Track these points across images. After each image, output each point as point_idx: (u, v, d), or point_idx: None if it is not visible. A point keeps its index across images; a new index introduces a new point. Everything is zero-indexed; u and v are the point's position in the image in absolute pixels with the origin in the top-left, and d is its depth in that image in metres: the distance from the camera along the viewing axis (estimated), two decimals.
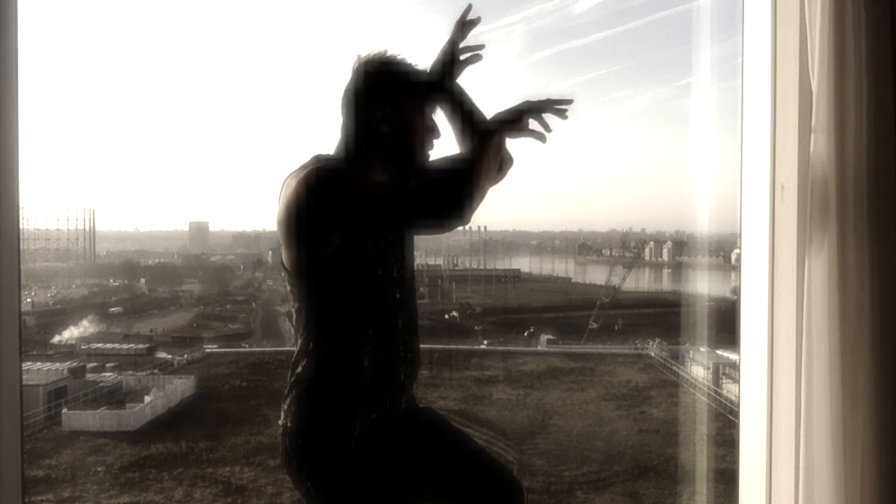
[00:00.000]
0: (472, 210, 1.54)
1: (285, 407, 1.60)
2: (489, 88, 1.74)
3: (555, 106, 1.64)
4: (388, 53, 1.63)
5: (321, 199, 1.50)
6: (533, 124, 1.65)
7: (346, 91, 1.63)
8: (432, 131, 1.67)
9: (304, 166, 1.57)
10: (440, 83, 1.69)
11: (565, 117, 1.65)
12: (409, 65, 1.64)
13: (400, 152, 1.63)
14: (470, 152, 1.63)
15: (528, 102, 1.63)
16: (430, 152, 1.68)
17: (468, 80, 1.72)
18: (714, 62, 3.59)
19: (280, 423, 1.61)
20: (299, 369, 1.58)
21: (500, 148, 1.63)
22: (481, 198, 1.57)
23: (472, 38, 1.72)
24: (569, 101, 1.65)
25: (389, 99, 1.61)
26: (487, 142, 1.60)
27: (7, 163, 1.76)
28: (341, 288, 1.55)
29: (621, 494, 12.11)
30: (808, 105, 1.92)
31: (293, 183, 1.53)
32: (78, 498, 12.07)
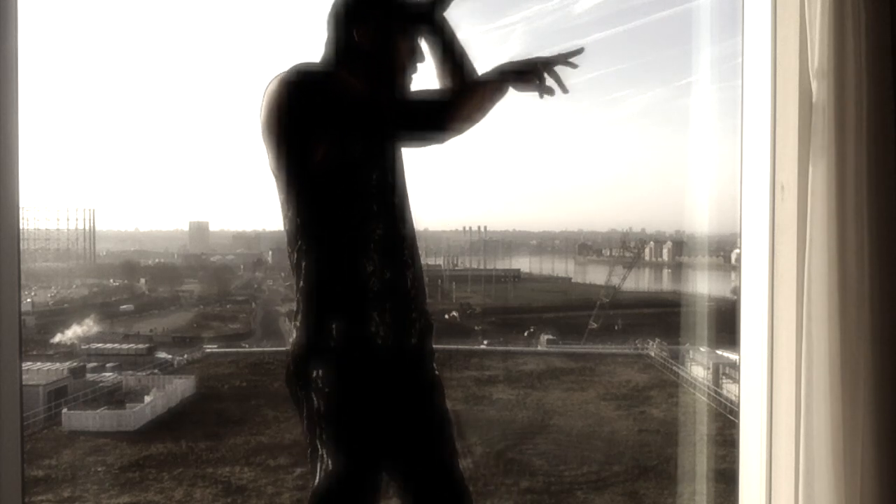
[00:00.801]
0: (453, 130, 1.56)
1: (296, 324, 1.58)
2: None
3: (567, 59, 1.62)
4: None
5: (303, 97, 1.50)
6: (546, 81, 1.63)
7: (334, 5, 1.64)
8: (415, 54, 1.66)
9: (294, 68, 1.56)
10: (428, 14, 1.69)
11: (576, 66, 1.63)
12: None
13: (381, 70, 1.63)
14: (470, 83, 1.63)
15: (540, 57, 1.62)
16: (413, 75, 1.67)
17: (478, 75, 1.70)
18: (714, 62, 3.60)
19: (290, 341, 1.60)
20: (302, 283, 1.56)
21: (499, 93, 1.61)
22: (461, 125, 1.57)
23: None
24: (579, 51, 1.62)
25: (374, 16, 1.61)
26: (490, 82, 1.59)
27: (7, 163, 1.76)
28: (337, 189, 1.54)
29: (621, 494, 12.10)
30: (808, 105, 1.92)
31: (274, 84, 1.53)
32: (78, 498, 12.07)
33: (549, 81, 1.62)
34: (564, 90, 1.63)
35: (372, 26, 1.61)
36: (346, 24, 1.62)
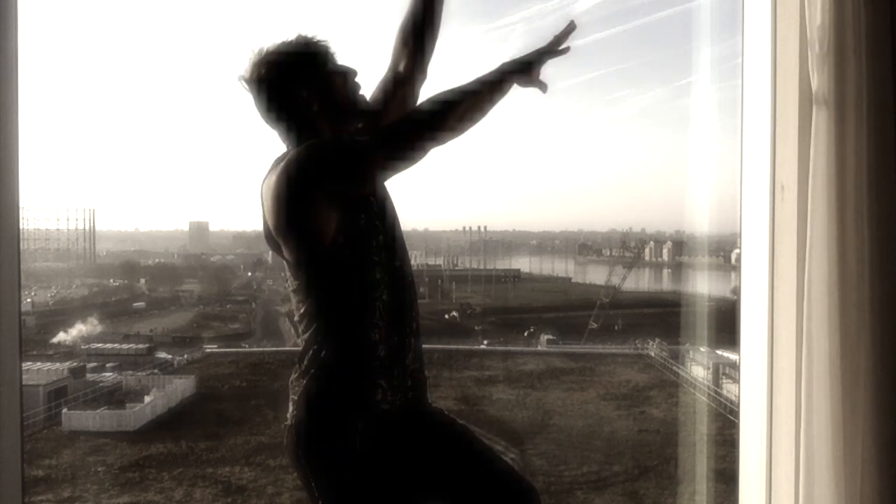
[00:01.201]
0: (456, 133, 1.54)
1: (294, 398, 1.57)
2: None
3: (563, 37, 1.63)
4: (264, 50, 1.61)
5: (309, 176, 1.49)
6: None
7: (261, 107, 1.62)
8: (349, 74, 1.65)
9: (273, 168, 1.57)
10: (321, 59, 1.65)
11: (567, 49, 1.64)
12: (282, 48, 1.62)
13: (340, 112, 1.63)
14: (472, 84, 1.60)
15: (536, 51, 1.62)
16: (361, 91, 1.67)
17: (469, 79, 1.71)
18: (714, 62, 3.60)
19: (288, 415, 1.59)
20: (307, 360, 1.56)
21: (500, 93, 1.60)
22: (464, 127, 1.55)
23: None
24: (572, 28, 1.63)
25: (300, 85, 1.60)
26: (492, 82, 1.58)
27: (7, 163, 1.76)
28: (349, 264, 1.55)
29: (621, 494, 12.11)
30: (808, 105, 1.92)
31: (273, 181, 1.52)
32: (78, 498, 12.07)
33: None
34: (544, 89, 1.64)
35: (304, 91, 1.60)
36: (285, 110, 1.61)
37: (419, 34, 1.75)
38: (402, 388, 1.60)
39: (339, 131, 1.63)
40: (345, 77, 1.65)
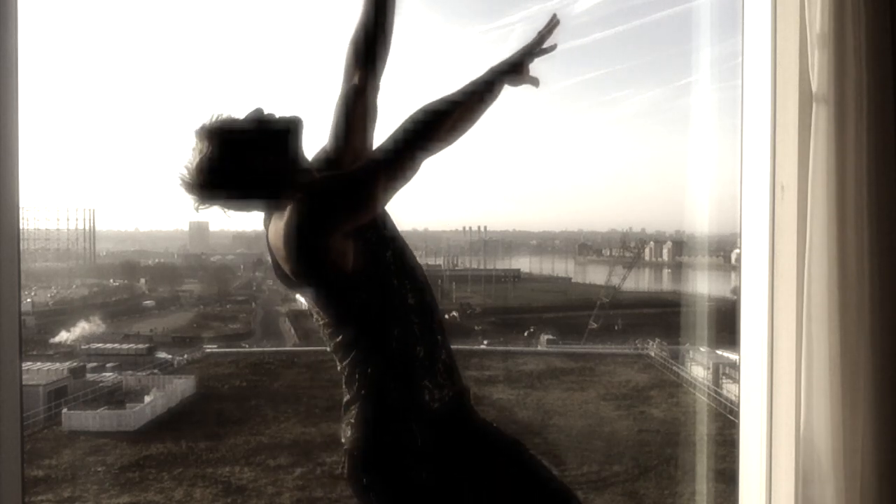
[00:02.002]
0: (452, 141, 1.55)
1: (351, 422, 1.58)
2: None
3: (546, 33, 1.68)
4: (184, 171, 1.59)
5: (322, 214, 1.48)
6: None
7: (232, 208, 1.61)
8: (258, 113, 1.62)
9: (275, 214, 1.55)
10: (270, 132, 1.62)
11: (553, 47, 1.68)
12: (196, 155, 1.59)
13: (278, 144, 1.59)
14: (464, 89, 1.59)
15: (522, 50, 1.66)
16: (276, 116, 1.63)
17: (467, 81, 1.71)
18: (714, 62, 3.60)
19: (344, 440, 1.59)
20: (356, 382, 1.57)
21: (492, 95, 1.61)
22: (459, 132, 1.56)
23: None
24: (555, 24, 1.69)
25: (238, 164, 1.57)
26: (485, 82, 1.60)
27: (7, 163, 1.76)
28: (375, 283, 1.56)
29: (621, 494, 12.11)
30: (808, 105, 1.92)
31: (282, 227, 1.50)
32: (78, 498, 12.07)
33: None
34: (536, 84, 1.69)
35: (249, 162, 1.57)
36: (248, 190, 1.58)
37: (371, 45, 1.73)
38: (444, 383, 1.62)
39: (294, 157, 1.60)
40: (259, 119, 1.61)
